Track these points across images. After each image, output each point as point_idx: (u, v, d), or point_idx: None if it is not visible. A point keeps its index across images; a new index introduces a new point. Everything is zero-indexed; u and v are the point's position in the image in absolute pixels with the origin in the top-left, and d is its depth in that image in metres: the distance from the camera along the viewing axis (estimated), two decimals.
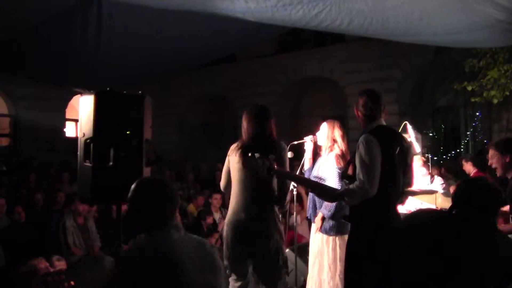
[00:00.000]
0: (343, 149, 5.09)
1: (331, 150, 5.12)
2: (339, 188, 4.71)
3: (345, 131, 5.25)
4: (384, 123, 4.02)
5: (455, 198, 2.87)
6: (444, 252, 2.60)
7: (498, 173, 4.30)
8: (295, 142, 5.13)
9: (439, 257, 2.61)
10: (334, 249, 4.97)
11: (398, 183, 3.84)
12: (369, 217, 3.77)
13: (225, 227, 4.38)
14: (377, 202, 3.74)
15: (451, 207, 2.87)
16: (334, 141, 5.12)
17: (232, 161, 4.35)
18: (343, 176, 4.25)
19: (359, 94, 4.13)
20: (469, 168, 8.97)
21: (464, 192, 2.87)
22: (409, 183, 4.05)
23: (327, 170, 5.06)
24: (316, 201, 5.18)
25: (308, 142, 5.29)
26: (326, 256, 4.98)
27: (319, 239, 5.08)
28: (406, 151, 3.93)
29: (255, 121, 4.32)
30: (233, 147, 4.39)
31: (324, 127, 5.21)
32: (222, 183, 4.54)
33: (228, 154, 4.43)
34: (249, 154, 4.06)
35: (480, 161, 9.07)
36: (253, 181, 4.24)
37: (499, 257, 2.63)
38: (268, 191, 4.27)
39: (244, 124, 4.37)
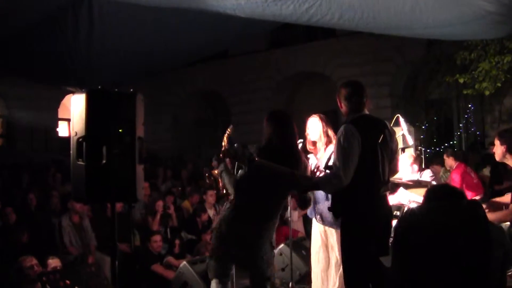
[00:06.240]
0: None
1: (330, 143, 4.81)
2: None
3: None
4: (367, 113, 4.01)
5: (434, 194, 3.16)
6: (452, 237, 2.83)
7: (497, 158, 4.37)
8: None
9: (447, 243, 2.83)
10: (332, 243, 4.91)
11: (380, 172, 3.83)
12: (353, 207, 3.80)
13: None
14: (359, 192, 3.78)
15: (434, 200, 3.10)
16: (328, 135, 4.89)
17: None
18: (325, 167, 4.25)
19: (342, 85, 4.12)
20: (451, 162, 9.10)
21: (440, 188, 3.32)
22: (395, 170, 4.05)
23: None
24: (316, 196, 5.01)
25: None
26: (324, 251, 4.93)
27: (318, 234, 4.96)
28: (389, 138, 3.93)
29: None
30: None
31: (316, 122, 4.99)
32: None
33: None
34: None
35: (461, 155, 9.50)
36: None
37: (494, 240, 2.84)
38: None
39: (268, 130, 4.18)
